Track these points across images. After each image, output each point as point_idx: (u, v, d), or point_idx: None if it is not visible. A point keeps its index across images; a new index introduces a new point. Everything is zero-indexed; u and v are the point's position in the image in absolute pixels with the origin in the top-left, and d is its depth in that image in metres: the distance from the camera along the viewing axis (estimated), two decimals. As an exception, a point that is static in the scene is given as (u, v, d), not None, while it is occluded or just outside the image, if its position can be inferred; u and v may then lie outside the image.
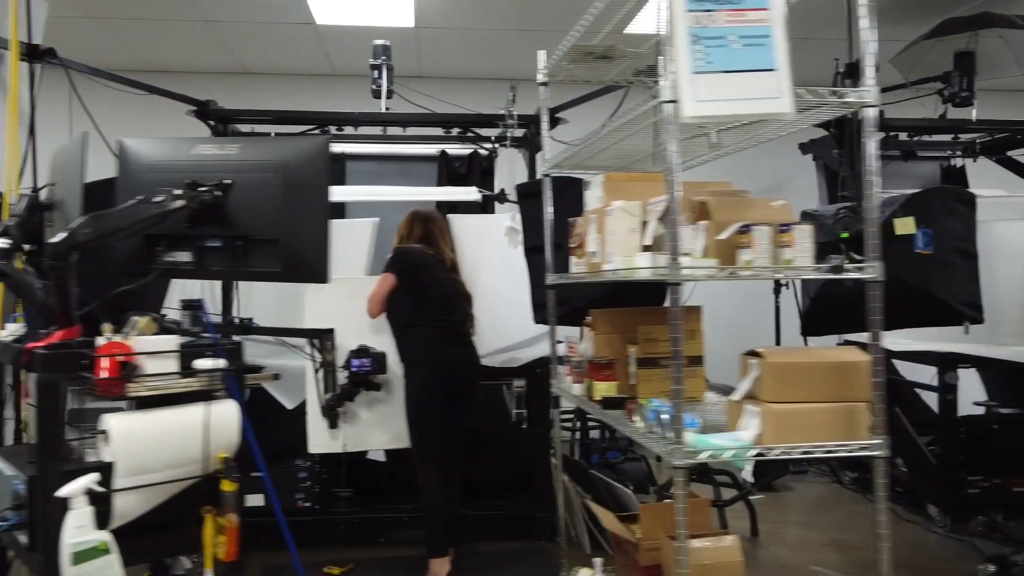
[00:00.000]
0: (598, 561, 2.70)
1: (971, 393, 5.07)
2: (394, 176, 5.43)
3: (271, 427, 3.55)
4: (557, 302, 3.32)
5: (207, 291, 4.52)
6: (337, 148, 5.23)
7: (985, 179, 5.41)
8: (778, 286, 5.84)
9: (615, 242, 2.21)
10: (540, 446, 3.85)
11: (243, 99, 5.27)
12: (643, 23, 4.16)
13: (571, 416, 5.29)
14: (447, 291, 3.48)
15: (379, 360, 3.39)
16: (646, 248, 2.17)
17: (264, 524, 2.57)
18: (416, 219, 3.61)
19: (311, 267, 1.99)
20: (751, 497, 4.88)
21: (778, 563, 3.80)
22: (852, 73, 3.83)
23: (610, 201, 2.29)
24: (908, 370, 4.88)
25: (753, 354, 2.04)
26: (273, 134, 4.82)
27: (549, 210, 3.24)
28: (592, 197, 2.65)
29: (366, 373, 3.35)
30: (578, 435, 5.39)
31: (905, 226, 3.76)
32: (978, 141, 5.52)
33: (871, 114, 1.92)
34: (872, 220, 2.08)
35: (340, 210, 4.97)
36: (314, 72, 6.15)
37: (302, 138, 4.06)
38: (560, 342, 3.31)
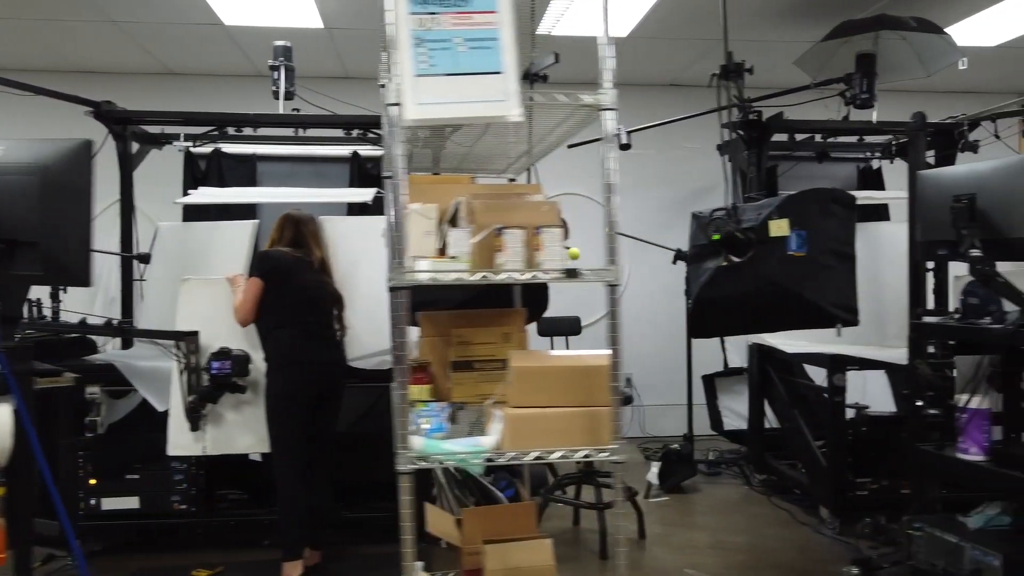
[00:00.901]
0: (418, 564, 2.69)
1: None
2: (307, 177, 5.43)
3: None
4: (429, 303, 3.32)
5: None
6: (248, 149, 5.24)
7: (901, 180, 5.42)
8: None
9: (412, 245, 2.20)
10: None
11: (167, 101, 5.29)
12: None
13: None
14: (314, 293, 3.47)
15: (240, 362, 3.39)
16: (441, 251, 2.16)
17: (140, 527, 2.54)
18: (287, 222, 3.61)
19: (72, 270, 1.97)
20: (656, 499, 4.90)
21: (654, 565, 3.80)
22: (726, 74, 3.83)
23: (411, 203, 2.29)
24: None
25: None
26: (182, 136, 4.84)
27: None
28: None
29: (226, 375, 3.34)
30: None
31: (779, 228, 3.75)
32: (894, 143, 5.53)
33: (609, 116, 1.92)
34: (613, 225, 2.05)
35: (252, 211, 4.97)
36: (238, 73, 6.15)
37: (63, 140, 4.07)
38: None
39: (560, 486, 4.27)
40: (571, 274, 1.88)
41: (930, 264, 4.39)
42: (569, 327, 6.38)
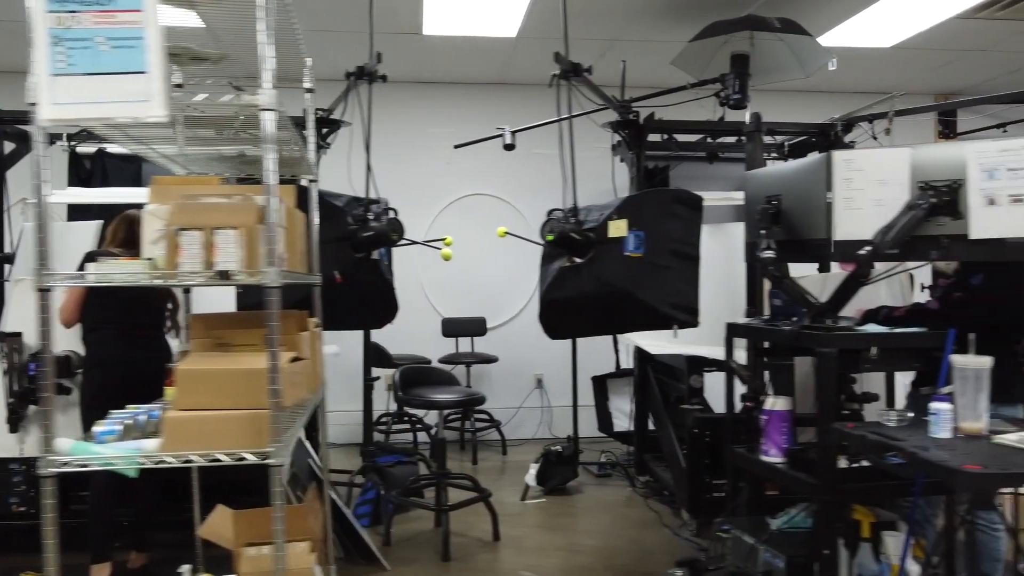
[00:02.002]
0: (186, 567, 2.68)
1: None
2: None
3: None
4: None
5: None
6: (95, 148, 5.16)
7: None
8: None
9: (145, 246, 2.19)
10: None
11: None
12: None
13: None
14: (136, 293, 3.45)
15: (61, 363, 3.37)
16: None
17: None
18: (122, 222, 3.59)
19: None
20: (533, 500, 4.89)
21: (493, 567, 3.78)
22: (566, 75, 3.81)
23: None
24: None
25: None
26: (65, 136, 4.82)
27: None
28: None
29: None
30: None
31: (618, 229, 3.74)
32: (787, 143, 5.52)
33: (268, 117, 1.90)
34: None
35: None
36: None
37: None
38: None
39: (414, 490, 4.25)
40: (223, 276, 1.86)
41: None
42: (474, 328, 6.37)
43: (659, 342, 4.60)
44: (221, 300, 3.64)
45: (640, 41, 5.53)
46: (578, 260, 3.78)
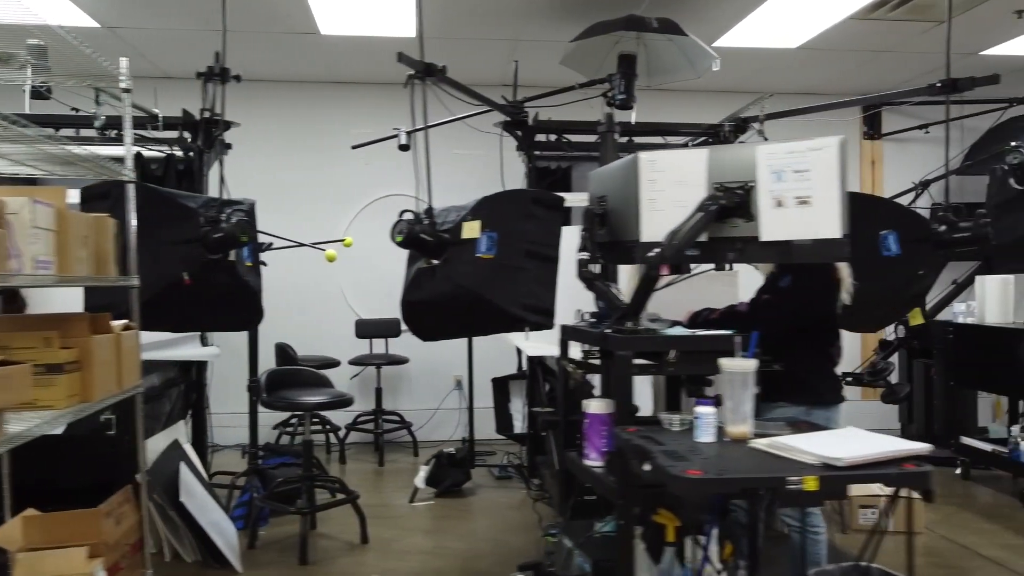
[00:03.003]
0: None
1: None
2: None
3: None
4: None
5: None
6: None
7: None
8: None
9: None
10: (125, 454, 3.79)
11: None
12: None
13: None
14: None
15: None
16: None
17: None
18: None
19: None
20: (421, 503, 4.87)
21: (348, 571, 3.76)
22: (420, 76, 3.78)
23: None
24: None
25: None
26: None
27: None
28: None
29: None
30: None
31: (471, 230, 3.70)
32: (690, 144, 5.50)
33: None
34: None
35: None
36: None
37: None
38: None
39: (286, 492, 4.23)
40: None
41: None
42: (388, 329, 6.34)
43: (540, 343, 4.57)
44: (72, 300, 3.62)
45: (547, 41, 5.50)
46: (435, 262, 3.75)
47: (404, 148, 4.79)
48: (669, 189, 2.66)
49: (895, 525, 4.26)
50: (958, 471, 5.38)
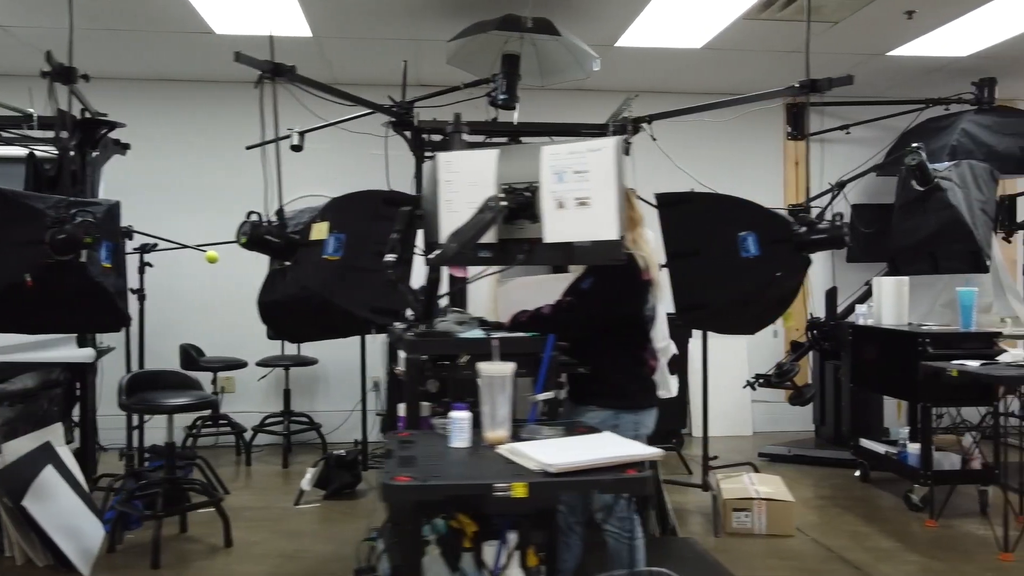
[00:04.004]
0: None
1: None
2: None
3: None
4: None
5: None
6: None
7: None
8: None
9: None
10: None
11: None
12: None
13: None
14: None
15: None
16: None
17: None
18: None
19: None
20: (306, 505, 4.83)
21: (194, 574, 3.73)
22: (269, 75, 3.75)
23: None
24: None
25: None
26: None
27: None
28: None
29: None
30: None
31: (319, 231, 3.68)
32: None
33: None
34: None
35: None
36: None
37: None
38: None
39: (138, 494, 4.19)
40: None
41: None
42: (299, 330, 6.28)
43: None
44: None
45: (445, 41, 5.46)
46: (287, 263, 3.73)
47: (296, 149, 4.77)
48: (464, 190, 2.63)
49: (767, 528, 4.26)
50: (857, 473, 5.35)
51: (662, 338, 4.41)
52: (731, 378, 6.74)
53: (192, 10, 4.85)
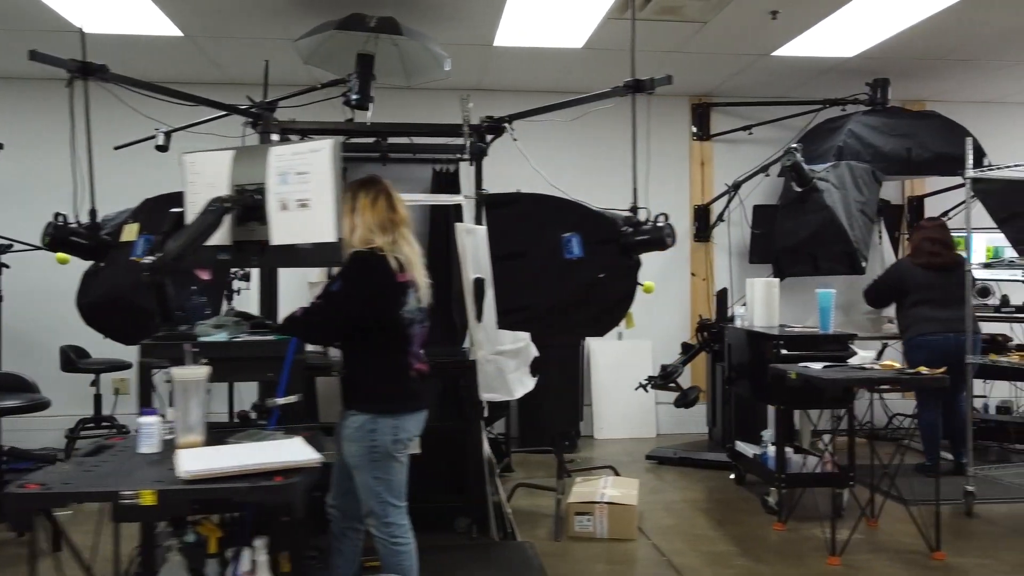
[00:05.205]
0: None
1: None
2: None
3: None
4: None
5: None
6: None
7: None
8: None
9: None
10: None
11: None
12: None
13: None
14: None
15: None
16: None
17: None
18: None
19: None
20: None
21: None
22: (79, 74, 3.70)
23: None
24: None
25: None
26: None
27: None
28: None
29: None
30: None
31: (130, 232, 3.66)
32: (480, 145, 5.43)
33: None
34: None
35: None
36: None
37: None
38: None
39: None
40: None
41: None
42: (189, 331, 6.25)
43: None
44: None
45: (271, 39, 5.39)
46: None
47: (161, 149, 4.75)
48: (204, 191, 2.60)
49: (608, 532, 4.23)
50: (732, 476, 5.32)
51: (513, 340, 4.41)
52: (635, 379, 6.70)
53: (43, 8, 4.80)
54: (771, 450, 4.72)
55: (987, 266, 4.86)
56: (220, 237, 2.51)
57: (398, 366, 2.81)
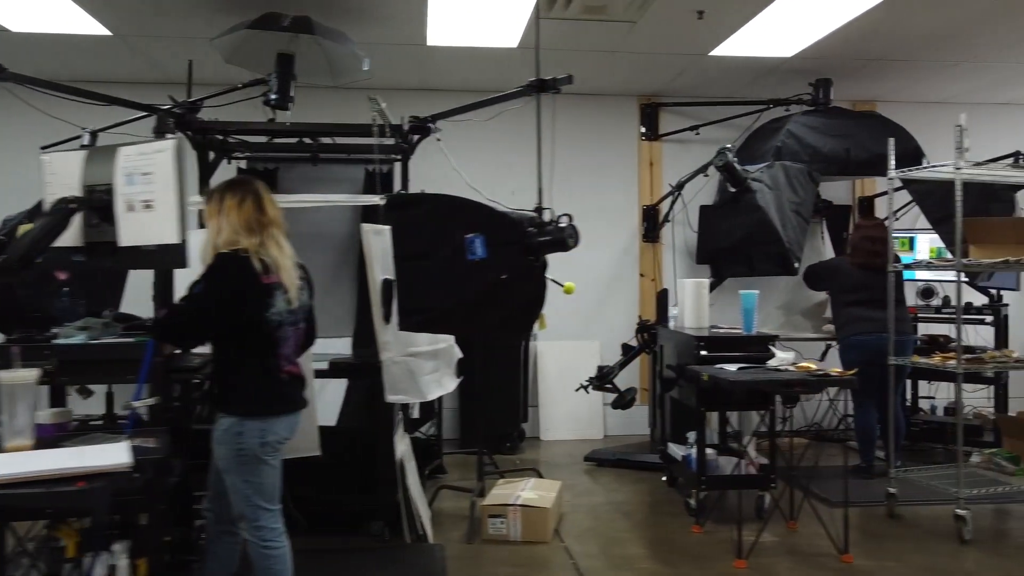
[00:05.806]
0: None
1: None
2: None
3: None
4: None
5: None
6: None
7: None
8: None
9: None
10: None
11: None
12: None
13: None
14: None
15: None
16: None
17: None
18: None
19: None
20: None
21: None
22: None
23: None
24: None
25: None
26: None
27: None
28: None
29: None
30: None
31: (25, 231, 3.62)
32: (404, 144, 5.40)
33: None
34: None
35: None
36: None
37: None
38: None
39: None
40: None
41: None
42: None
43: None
44: None
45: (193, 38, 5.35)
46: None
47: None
48: (60, 191, 2.58)
49: (522, 535, 4.20)
50: (664, 478, 5.30)
51: (430, 342, 4.38)
52: (582, 380, 6.68)
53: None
54: (695, 452, 4.70)
55: (908, 267, 4.82)
56: (74, 238, 2.49)
57: (266, 368, 2.78)
